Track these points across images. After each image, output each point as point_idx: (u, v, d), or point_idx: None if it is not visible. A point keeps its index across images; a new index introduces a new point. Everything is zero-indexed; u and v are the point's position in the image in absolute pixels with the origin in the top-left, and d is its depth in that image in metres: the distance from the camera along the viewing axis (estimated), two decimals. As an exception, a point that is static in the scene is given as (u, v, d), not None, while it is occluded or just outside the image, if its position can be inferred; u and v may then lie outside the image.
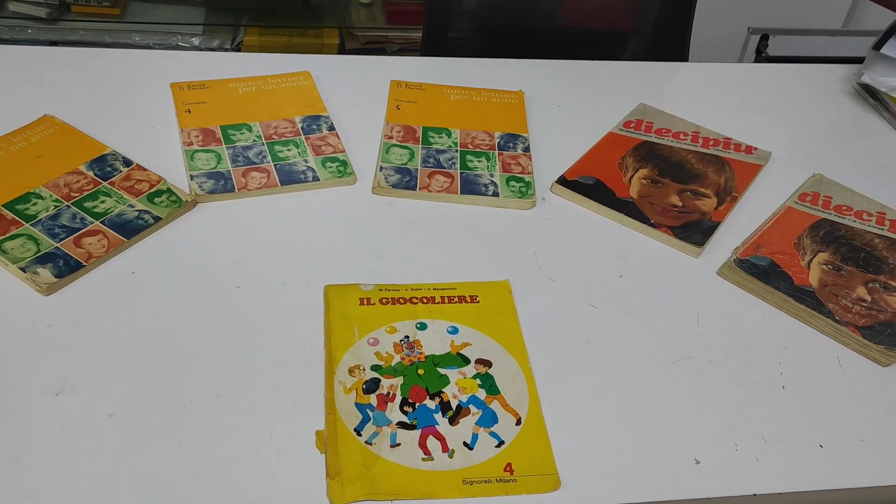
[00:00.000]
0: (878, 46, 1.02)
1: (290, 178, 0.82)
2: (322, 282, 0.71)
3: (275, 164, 0.83)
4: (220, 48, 1.69)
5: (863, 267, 0.77)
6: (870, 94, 1.05)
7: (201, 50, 1.69)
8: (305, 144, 0.86)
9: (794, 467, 0.60)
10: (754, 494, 0.59)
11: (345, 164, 0.84)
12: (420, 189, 0.82)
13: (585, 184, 0.84)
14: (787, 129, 0.99)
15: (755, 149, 0.93)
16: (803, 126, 1.00)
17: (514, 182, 0.84)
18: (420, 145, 0.88)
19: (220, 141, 0.85)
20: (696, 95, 1.04)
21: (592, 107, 0.99)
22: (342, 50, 1.74)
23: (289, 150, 0.85)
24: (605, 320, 0.71)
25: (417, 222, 0.79)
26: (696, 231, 0.80)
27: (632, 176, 0.86)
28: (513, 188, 0.83)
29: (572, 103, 0.99)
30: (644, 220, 0.81)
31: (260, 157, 0.84)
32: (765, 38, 1.43)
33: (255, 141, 0.86)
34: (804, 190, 0.86)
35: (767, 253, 0.77)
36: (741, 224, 0.83)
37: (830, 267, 0.77)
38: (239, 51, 1.70)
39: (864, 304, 0.73)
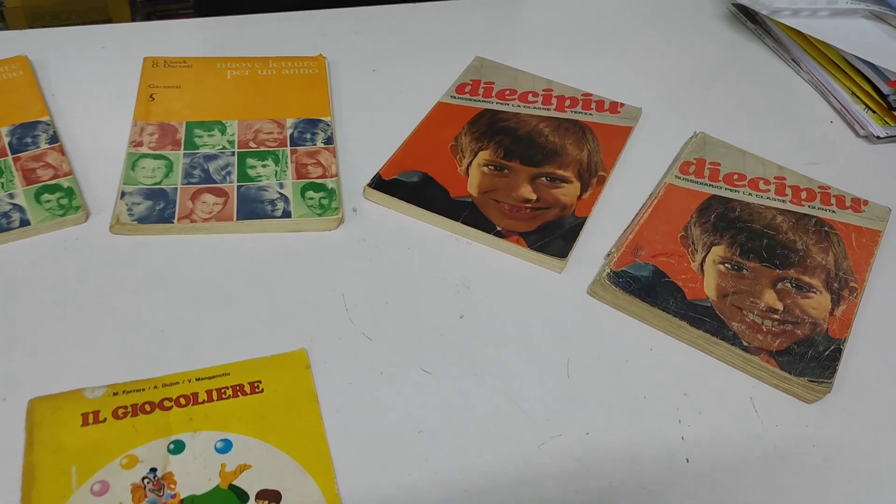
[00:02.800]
0: (753, -42, 0.84)
1: (-17, 226, 0.57)
2: (26, 394, 0.48)
3: (-37, 207, 0.58)
4: (-28, 13, 1.35)
5: (768, 260, 0.60)
6: (748, 18, 0.87)
7: (-53, 17, 1.34)
8: (12, 169, 0.61)
9: None
10: None
11: (70, 193, 0.60)
12: (180, 219, 0.58)
13: (408, 183, 0.63)
14: (658, 73, 0.81)
15: (622, 105, 0.74)
16: (676, 67, 0.82)
17: (313, 192, 0.61)
18: (182, 151, 0.64)
19: None
20: (544, 39, 0.83)
21: (417, 68, 0.77)
22: (134, 11, 1.43)
23: (-14, 181, 0.60)
24: (443, 392, 0.51)
25: (177, 272, 0.56)
26: (555, 235, 0.60)
27: (470, 163, 0.65)
28: (310, 201, 0.61)
29: (391, 65, 0.77)
30: (487, 227, 0.60)
31: (-59, 197, 0.58)
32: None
33: (-65, 172, 0.60)
34: (686, 158, 0.68)
35: (649, 256, 0.59)
36: (613, 214, 0.64)
37: (729, 266, 0.59)
38: (1, 16, 1.36)
39: (775, 315, 0.56)
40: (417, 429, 0.49)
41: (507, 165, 0.65)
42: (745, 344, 0.54)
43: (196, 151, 0.64)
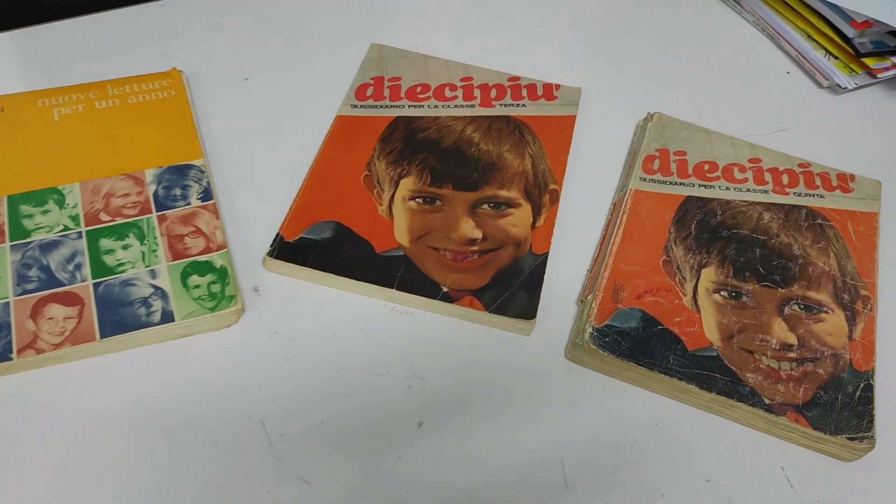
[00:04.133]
0: None
1: None
2: None
3: None
4: None
5: (766, 277, 0.50)
6: (674, -51, 0.75)
7: None
8: None
9: None
10: None
11: None
12: (21, 351, 0.43)
13: (320, 242, 0.49)
14: (575, 27, 0.68)
15: (557, 87, 0.61)
16: (594, 16, 0.69)
17: (197, 276, 0.47)
18: (7, 243, 0.47)
19: None
20: (447, 9, 0.68)
21: (302, 68, 0.61)
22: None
23: None
24: (419, 545, 0.39)
25: (28, 431, 0.41)
26: (515, 286, 0.48)
27: (392, 197, 0.52)
28: (196, 291, 0.46)
29: (268, 68, 0.61)
30: (430, 290, 0.48)
31: None
32: None
33: None
34: (647, 150, 0.57)
35: (633, 298, 0.48)
36: (575, 239, 0.53)
37: (726, 294, 0.49)
38: None
39: (791, 354, 0.46)
40: None
41: (437, 195, 0.52)
42: (766, 402, 0.44)
43: (28, 240, 0.48)
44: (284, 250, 0.49)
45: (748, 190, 0.55)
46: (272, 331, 0.46)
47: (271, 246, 0.49)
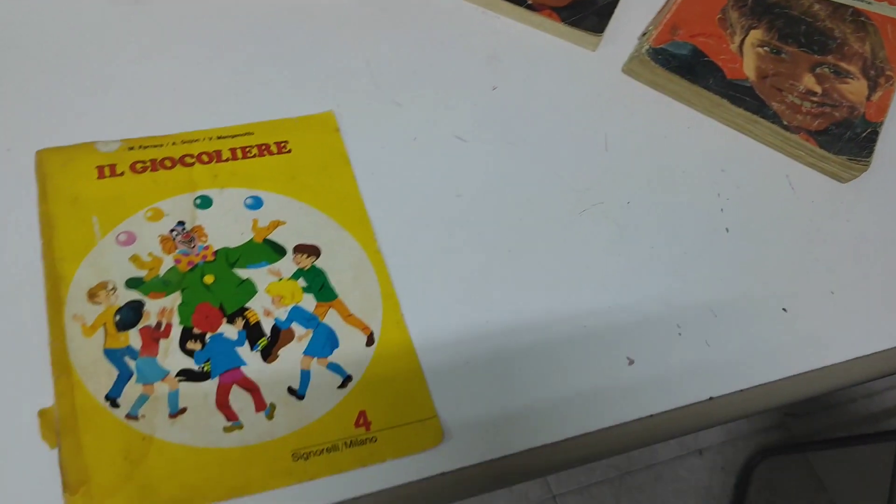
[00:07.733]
0: None
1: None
2: (32, 145, 0.44)
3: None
4: None
5: (806, 45, 0.57)
6: None
7: None
8: None
9: (753, 350, 0.44)
10: (710, 398, 0.42)
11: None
12: (184, -25, 0.52)
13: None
14: None
15: None
16: None
17: None
18: None
19: None
20: None
21: None
22: None
23: None
24: (479, 159, 0.48)
25: (184, 23, 0.51)
26: (589, 11, 0.57)
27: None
28: None
29: None
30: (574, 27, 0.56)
31: None
32: None
33: None
34: (721, -59, 0.64)
35: (687, 36, 0.56)
36: (646, -4, 0.60)
37: (768, 49, 0.57)
38: None
39: (814, 98, 0.54)
40: (456, 192, 0.47)
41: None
42: (784, 123, 0.52)
43: None
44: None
45: (805, -15, 0.62)
46: (381, 7, 0.55)
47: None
